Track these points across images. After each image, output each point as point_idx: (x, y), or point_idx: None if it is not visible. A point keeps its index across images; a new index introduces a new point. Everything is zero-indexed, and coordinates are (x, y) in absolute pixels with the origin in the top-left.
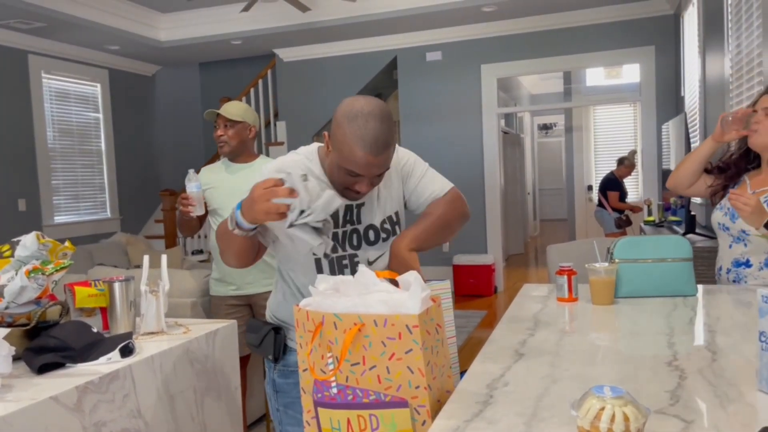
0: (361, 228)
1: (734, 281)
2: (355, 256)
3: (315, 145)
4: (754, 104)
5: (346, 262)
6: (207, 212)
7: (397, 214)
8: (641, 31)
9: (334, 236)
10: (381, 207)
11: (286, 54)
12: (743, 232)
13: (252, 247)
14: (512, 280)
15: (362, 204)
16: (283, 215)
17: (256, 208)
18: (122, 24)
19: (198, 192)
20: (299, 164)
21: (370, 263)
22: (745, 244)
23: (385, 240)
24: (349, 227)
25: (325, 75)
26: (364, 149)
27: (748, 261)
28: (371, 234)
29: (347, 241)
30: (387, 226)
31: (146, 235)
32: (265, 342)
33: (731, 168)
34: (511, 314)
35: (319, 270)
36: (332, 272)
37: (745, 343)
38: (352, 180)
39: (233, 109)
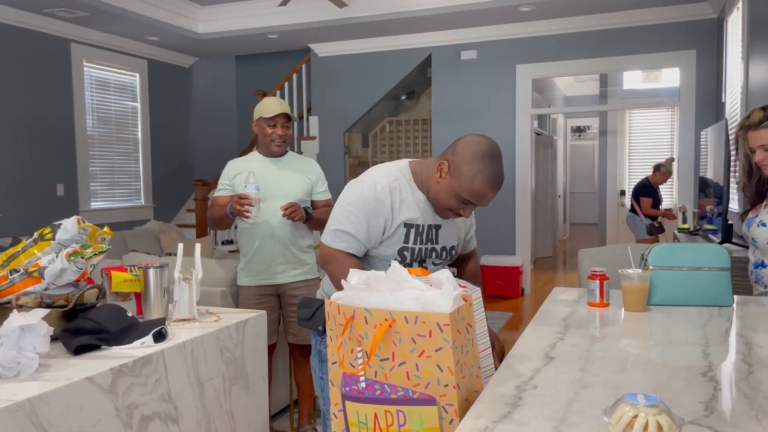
0: (438, 247)
1: (756, 281)
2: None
3: (405, 161)
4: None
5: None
6: None
7: (458, 244)
8: (682, 34)
9: (419, 251)
10: (455, 234)
11: (321, 49)
12: (753, 239)
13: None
14: (540, 283)
15: (439, 226)
16: None
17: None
18: (162, 15)
19: (257, 194)
20: (392, 176)
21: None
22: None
23: (446, 259)
24: (429, 245)
25: (359, 71)
26: (491, 188)
27: (763, 262)
28: (444, 253)
29: (427, 255)
30: (453, 251)
31: (178, 224)
32: (316, 315)
33: (756, 194)
34: (540, 317)
35: None
36: None
37: None
38: (462, 206)
39: (288, 107)
